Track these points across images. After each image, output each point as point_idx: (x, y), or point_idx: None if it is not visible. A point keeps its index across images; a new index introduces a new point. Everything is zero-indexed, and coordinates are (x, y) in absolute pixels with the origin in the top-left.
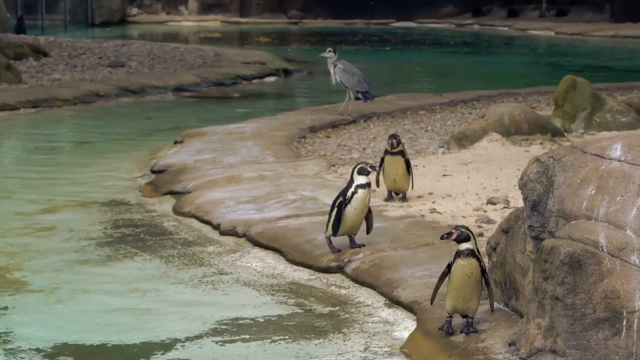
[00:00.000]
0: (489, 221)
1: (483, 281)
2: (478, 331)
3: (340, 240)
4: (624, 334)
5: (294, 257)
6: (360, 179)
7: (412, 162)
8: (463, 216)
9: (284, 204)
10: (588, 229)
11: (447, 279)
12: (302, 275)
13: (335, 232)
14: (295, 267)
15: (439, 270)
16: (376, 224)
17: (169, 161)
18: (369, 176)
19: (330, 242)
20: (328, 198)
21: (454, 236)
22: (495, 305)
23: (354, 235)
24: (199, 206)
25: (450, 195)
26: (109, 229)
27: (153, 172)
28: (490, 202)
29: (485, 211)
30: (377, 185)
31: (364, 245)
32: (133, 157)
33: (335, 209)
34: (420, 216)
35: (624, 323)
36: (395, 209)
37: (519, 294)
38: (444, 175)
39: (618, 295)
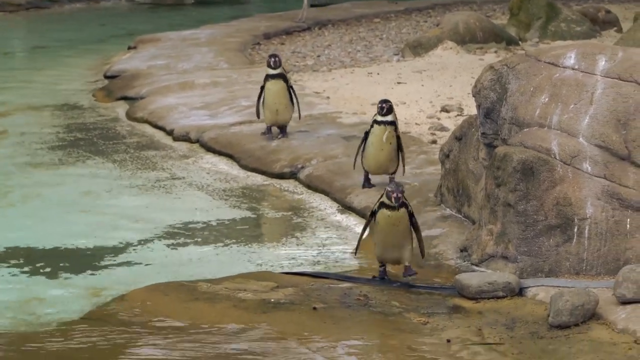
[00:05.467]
0: (442, 128)
1: (411, 227)
2: (416, 273)
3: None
4: (575, 240)
5: (247, 162)
6: (377, 116)
7: (367, 70)
8: (417, 123)
9: (237, 110)
10: (541, 136)
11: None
12: (255, 180)
13: (355, 162)
14: (249, 173)
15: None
16: (329, 131)
17: (123, 67)
18: (389, 115)
19: (365, 177)
20: None
21: (400, 202)
22: (447, 212)
23: (391, 173)
24: (153, 112)
25: (405, 103)
26: (61, 132)
27: (106, 77)
28: (444, 109)
29: (438, 118)
30: (258, 117)
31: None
32: (86, 63)
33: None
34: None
35: (575, 230)
36: (349, 116)
37: (471, 200)
38: (398, 83)
39: (570, 203)
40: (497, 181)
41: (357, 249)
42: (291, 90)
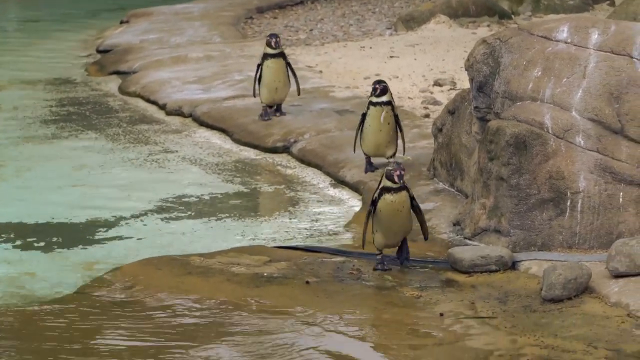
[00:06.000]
0: (435, 102)
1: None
2: (410, 262)
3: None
4: (567, 214)
5: (240, 136)
6: (373, 98)
7: (360, 44)
8: (409, 97)
9: (230, 84)
10: (534, 110)
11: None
12: (248, 154)
13: (355, 146)
14: (241, 147)
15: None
16: (322, 105)
17: (115, 41)
18: (384, 96)
19: (368, 161)
20: None
21: (402, 181)
22: (440, 186)
23: (389, 157)
24: (145, 86)
25: (397, 77)
26: (54, 107)
27: (99, 51)
28: (437, 83)
29: (431, 92)
30: (254, 96)
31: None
32: (79, 37)
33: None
34: (367, 97)
35: (568, 203)
36: (342, 90)
37: (464, 174)
38: (391, 57)
39: (563, 176)
40: (490, 155)
41: (363, 244)
42: (290, 68)
